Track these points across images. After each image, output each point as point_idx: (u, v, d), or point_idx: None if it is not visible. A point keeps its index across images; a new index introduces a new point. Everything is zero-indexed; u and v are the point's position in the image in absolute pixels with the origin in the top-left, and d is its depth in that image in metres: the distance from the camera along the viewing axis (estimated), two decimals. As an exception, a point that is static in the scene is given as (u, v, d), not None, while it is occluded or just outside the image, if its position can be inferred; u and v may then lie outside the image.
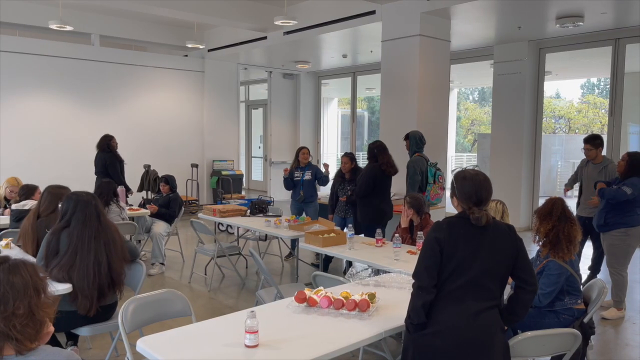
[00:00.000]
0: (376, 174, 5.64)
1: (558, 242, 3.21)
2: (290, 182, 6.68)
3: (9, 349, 1.61)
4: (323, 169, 6.76)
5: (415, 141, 6.02)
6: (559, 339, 2.59)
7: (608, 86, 8.48)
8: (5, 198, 6.03)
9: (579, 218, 4.97)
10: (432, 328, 2.32)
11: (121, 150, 7.92)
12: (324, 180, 6.69)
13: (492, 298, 2.33)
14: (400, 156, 6.30)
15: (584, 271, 5.32)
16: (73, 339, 3.69)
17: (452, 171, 6.34)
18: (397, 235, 4.09)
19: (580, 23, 7.31)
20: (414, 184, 5.80)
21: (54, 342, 3.30)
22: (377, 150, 5.70)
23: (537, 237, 3.33)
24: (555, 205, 3.30)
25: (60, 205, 3.37)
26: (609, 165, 5.35)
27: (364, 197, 5.70)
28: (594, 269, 5.65)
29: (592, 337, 3.27)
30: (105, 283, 3.24)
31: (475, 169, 2.57)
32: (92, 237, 3.22)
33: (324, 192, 7.47)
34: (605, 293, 3.08)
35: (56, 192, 3.83)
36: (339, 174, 6.39)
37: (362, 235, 5.49)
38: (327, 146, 14.45)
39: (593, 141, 5.41)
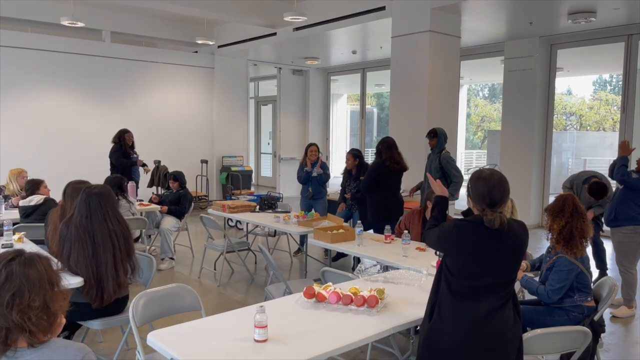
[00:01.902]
0: (379, 170, 5.64)
1: (572, 238, 3.21)
2: (308, 176, 6.69)
3: (22, 342, 1.63)
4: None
5: (444, 138, 6.00)
6: (569, 336, 2.58)
7: (620, 83, 8.39)
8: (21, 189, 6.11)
9: None
10: (441, 324, 2.32)
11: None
12: (319, 179, 6.70)
13: (505, 294, 2.32)
14: (410, 152, 6.28)
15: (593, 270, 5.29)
16: (69, 330, 3.67)
17: (468, 170, 6.36)
18: (406, 231, 4.09)
19: (593, 19, 7.24)
20: (460, 180, 5.85)
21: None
22: (382, 147, 5.70)
23: (551, 234, 3.30)
24: (567, 202, 3.29)
25: None
26: None
27: (367, 191, 5.75)
28: (601, 266, 5.62)
29: (602, 335, 3.26)
30: (110, 283, 3.22)
31: (494, 168, 2.52)
32: (88, 230, 3.19)
33: (332, 189, 7.48)
34: (615, 291, 3.06)
35: (77, 188, 3.83)
36: (347, 171, 6.43)
37: (371, 231, 5.50)
38: (336, 143, 14.45)
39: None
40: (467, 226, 2.31)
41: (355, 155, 6.35)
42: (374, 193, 5.67)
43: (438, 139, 5.94)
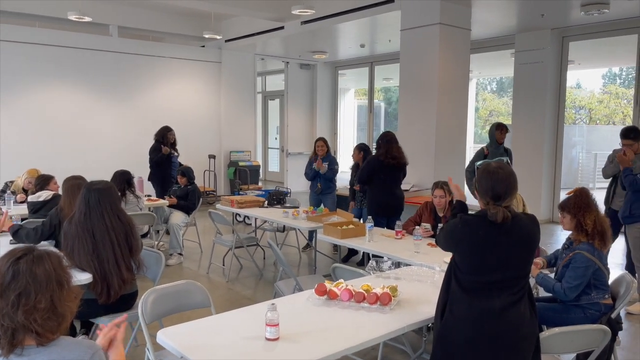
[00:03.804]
0: (374, 165, 5.65)
1: (604, 232, 3.15)
2: (314, 172, 6.66)
3: (29, 340, 1.59)
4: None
5: None
6: (588, 335, 2.52)
7: (630, 76, 8.27)
8: (23, 189, 6.09)
9: (614, 212, 5.01)
10: (454, 322, 2.28)
11: (140, 141, 7.92)
12: (326, 175, 6.65)
13: (519, 290, 2.27)
14: (419, 146, 6.22)
15: (614, 267, 5.15)
16: (86, 327, 3.68)
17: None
18: (417, 227, 4.03)
19: (606, 10, 7.11)
20: None
21: (71, 329, 3.31)
22: (381, 142, 5.70)
23: (587, 229, 3.18)
24: (589, 196, 3.24)
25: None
26: None
27: (362, 185, 5.87)
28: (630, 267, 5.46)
29: (619, 332, 3.19)
30: (115, 279, 3.21)
31: (504, 162, 2.49)
32: (87, 226, 3.18)
33: (341, 183, 7.43)
34: (633, 288, 3.00)
35: (73, 184, 3.81)
36: (356, 165, 6.44)
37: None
38: (343, 137, 14.38)
39: (636, 132, 5.01)
40: (473, 221, 2.28)
41: (361, 148, 6.41)
42: (370, 188, 5.73)
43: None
